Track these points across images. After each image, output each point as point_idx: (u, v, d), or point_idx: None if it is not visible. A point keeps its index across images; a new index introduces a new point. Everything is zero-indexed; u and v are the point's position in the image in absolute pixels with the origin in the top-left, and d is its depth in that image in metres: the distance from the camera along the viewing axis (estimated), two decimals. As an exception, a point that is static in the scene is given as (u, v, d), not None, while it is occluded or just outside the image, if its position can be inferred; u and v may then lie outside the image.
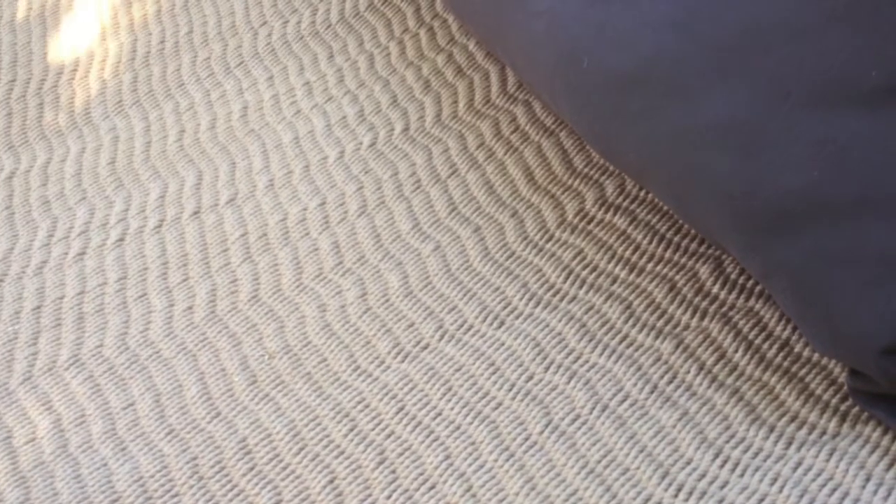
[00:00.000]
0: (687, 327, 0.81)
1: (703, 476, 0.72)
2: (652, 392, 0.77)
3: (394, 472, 0.75)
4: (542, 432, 0.76)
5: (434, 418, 0.78)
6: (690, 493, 0.71)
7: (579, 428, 0.75)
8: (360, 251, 0.91)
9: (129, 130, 1.08)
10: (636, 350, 0.80)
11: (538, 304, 0.84)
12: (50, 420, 0.83)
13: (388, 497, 0.74)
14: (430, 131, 1.00)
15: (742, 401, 0.75)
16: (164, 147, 1.05)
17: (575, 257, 0.87)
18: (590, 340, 0.81)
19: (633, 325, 0.81)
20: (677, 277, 0.84)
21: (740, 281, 0.83)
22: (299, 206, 0.96)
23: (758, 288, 0.82)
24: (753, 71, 0.72)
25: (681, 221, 0.87)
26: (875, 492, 0.68)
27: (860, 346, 0.68)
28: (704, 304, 0.82)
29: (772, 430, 0.73)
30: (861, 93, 0.69)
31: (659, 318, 0.82)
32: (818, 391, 0.75)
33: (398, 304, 0.86)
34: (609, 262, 0.86)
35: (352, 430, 0.78)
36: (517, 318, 0.83)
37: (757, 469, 0.71)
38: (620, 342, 0.80)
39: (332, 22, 1.14)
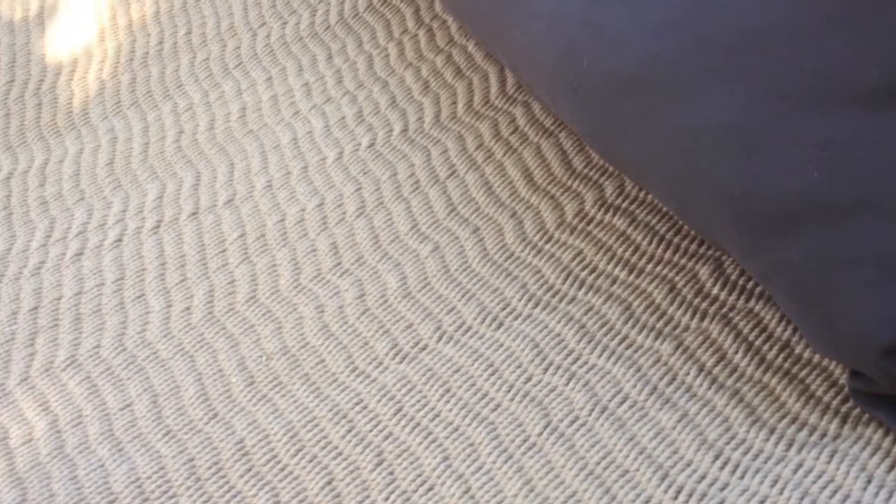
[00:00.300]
0: (687, 328, 0.80)
1: (703, 478, 0.71)
2: (651, 393, 0.76)
3: (392, 473, 0.75)
4: (540, 434, 0.75)
5: (432, 419, 0.78)
6: (690, 495, 0.71)
7: (578, 429, 0.75)
8: (358, 252, 0.91)
9: (128, 131, 1.08)
10: (636, 351, 0.79)
11: (537, 305, 0.84)
12: (47, 421, 0.83)
13: (386, 499, 0.74)
14: (429, 132, 1.00)
15: (742, 402, 0.75)
16: (162, 148, 1.05)
17: (574, 258, 0.87)
18: (589, 342, 0.81)
19: (633, 327, 0.81)
20: (677, 278, 0.84)
21: (740, 282, 0.82)
22: (297, 207, 0.96)
23: (758, 289, 0.81)
24: (753, 72, 0.72)
25: (680, 222, 0.87)
26: (876, 494, 0.68)
27: (861, 346, 0.68)
28: (704, 305, 0.82)
29: (772, 431, 0.73)
30: (861, 94, 0.69)
31: (658, 319, 0.81)
32: (819, 392, 0.75)
33: (396, 304, 0.86)
34: (608, 263, 0.86)
35: (350, 431, 0.78)
36: (516, 319, 0.83)
37: (757, 471, 0.71)
38: (620, 343, 0.80)
39: (331, 23, 1.14)
